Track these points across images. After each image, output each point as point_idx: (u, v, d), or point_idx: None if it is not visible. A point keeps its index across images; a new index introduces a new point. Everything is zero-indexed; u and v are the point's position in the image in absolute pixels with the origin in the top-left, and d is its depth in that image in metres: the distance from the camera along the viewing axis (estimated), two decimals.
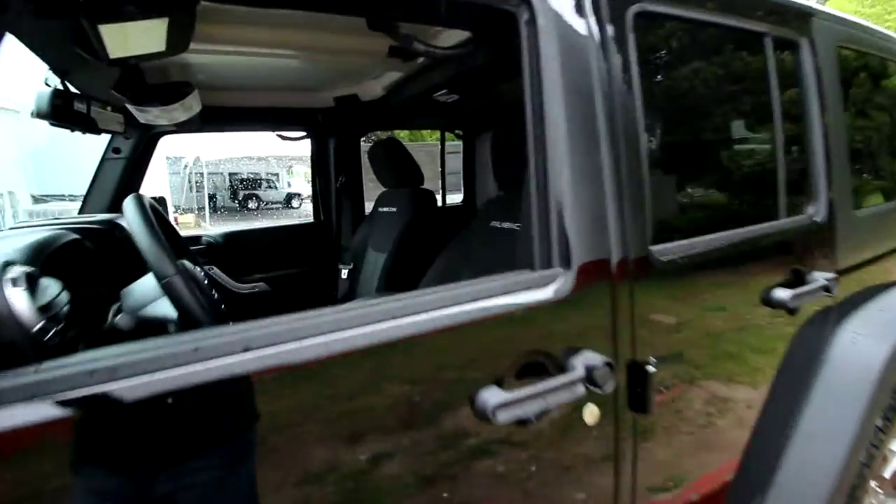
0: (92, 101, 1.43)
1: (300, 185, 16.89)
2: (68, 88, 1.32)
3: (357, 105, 2.05)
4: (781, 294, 1.09)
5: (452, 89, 1.61)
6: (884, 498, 1.33)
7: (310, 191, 2.29)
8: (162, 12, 0.86)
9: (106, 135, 1.85)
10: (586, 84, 0.81)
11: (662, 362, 0.88)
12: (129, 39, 0.97)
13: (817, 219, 1.23)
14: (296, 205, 16.63)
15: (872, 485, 1.29)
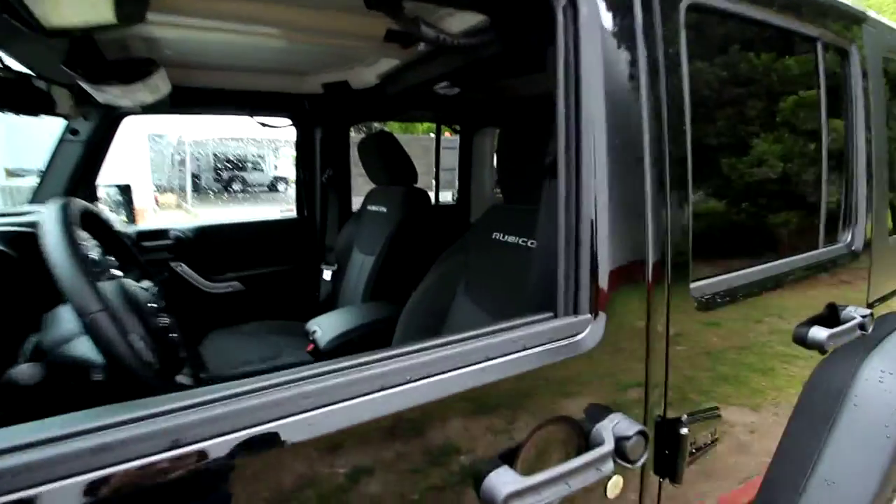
0: (37, 78, 1.24)
1: (287, 169, 16.46)
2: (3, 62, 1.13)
3: (347, 93, 1.87)
4: (818, 334, 0.97)
5: (455, 81, 1.45)
6: None
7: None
8: None
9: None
10: (632, 89, 0.66)
11: (695, 419, 0.75)
12: (66, 6, 0.79)
13: (854, 247, 1.12)
14: (282, 189, 16.21)
15: None
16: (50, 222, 0.67)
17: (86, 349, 0.61)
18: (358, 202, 2.16)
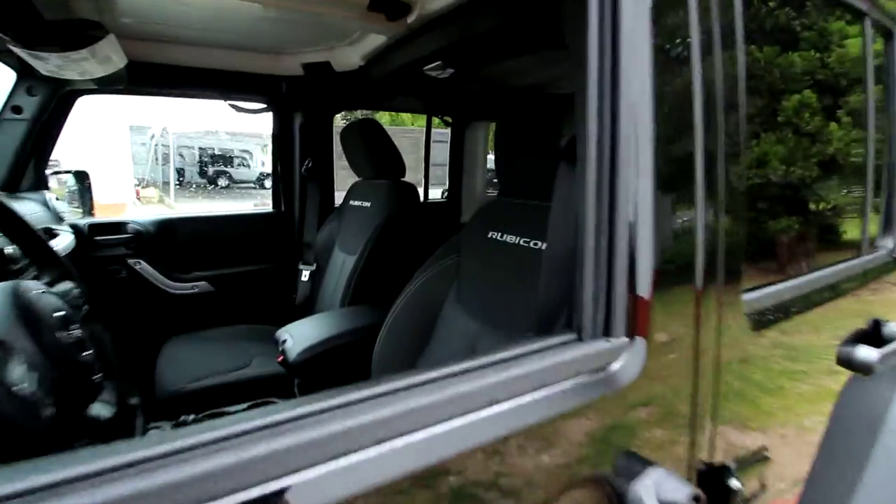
0: None
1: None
2: None
3: (330, 75, 1.70)
4: (867, 355, 0.84)
5: (448, 61, 1.29)
6: None
7: None
8: None
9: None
10: (684, 68, 0.51)
11: (744, 464, 0.61)
12: None
13: None
14: (269, 185, 15.86)
15: None
16: None
17: None
18: (341, 197, 1.99)
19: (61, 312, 0.60)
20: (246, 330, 1.76)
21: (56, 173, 1.70)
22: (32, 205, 1.49)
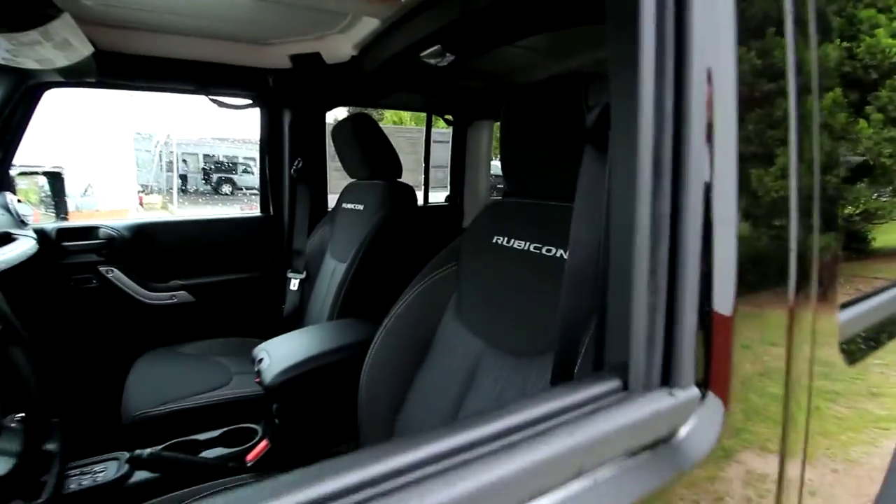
0: None
1: None
2: None
3: (320, 67, 1.57)
4: None
5: (447, 45, 1.15)
6: None
7: None
8: None
9: None
10: (776, 51, 0.37)
11: None
12: None
13: None
14: None
15: None
16: None
17: None
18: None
19: None
20: (228, 344, 1.61)
21: (23, 174, 1.57)
22: None
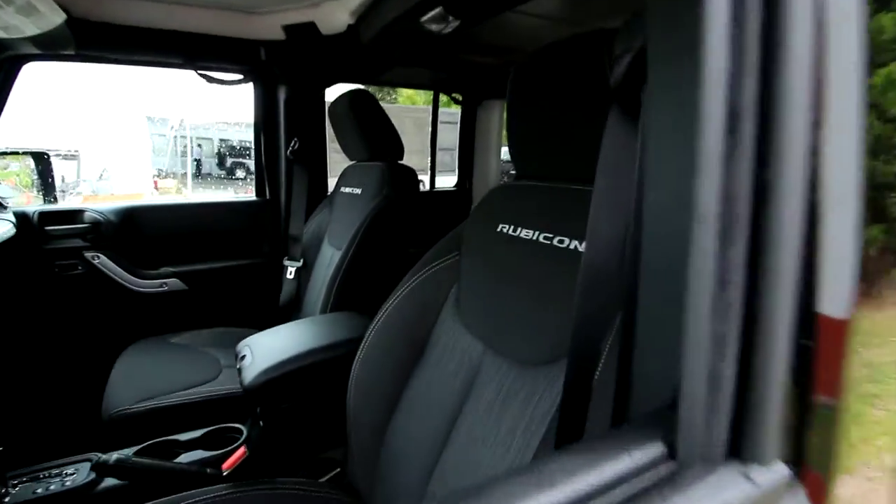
0: None
1: None
2: None
3: (316, 39, 1.44)
4: None
5: (450, 7, 1.02)
6: None
7: None
8: None
9: None
10: None
11: None
12: None
13: None
14: None
15: None
16: None
17: None
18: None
19: None
20: (221, 334, 1.53)
21: (3, 154, 1.49)
22: None
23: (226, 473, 0.91)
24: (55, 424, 1.35)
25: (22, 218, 1.37)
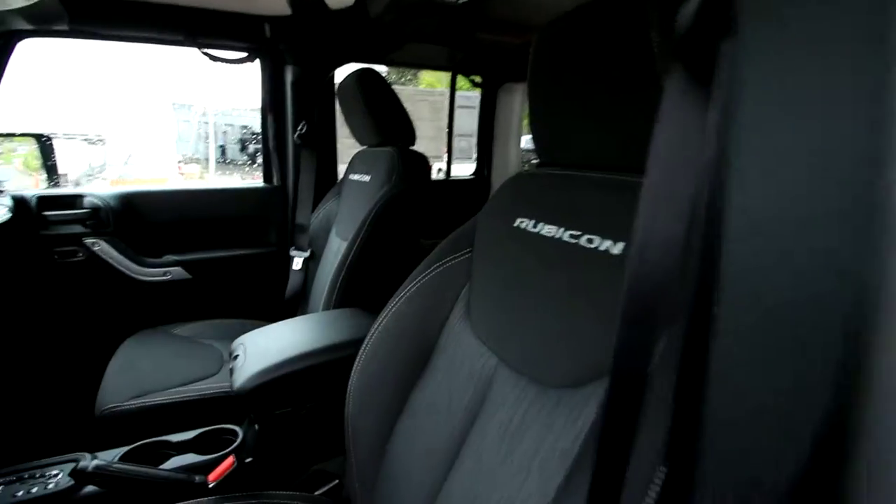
0: None
1: None
2: None
3: (324, 14, 1.34)
4: None
5: None
6: None
7: None
8: None
9: None
10: None
11: None
12: None
13: None
14: None
15: None
16: None
17: None
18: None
19: None
20: (226, 326, 1.47)
21: (3, 136, 1.44)
22: None
23: (212, 486, 0.84)
24: (49, 420, 1.31)
25: (19, 202, 1.32)
